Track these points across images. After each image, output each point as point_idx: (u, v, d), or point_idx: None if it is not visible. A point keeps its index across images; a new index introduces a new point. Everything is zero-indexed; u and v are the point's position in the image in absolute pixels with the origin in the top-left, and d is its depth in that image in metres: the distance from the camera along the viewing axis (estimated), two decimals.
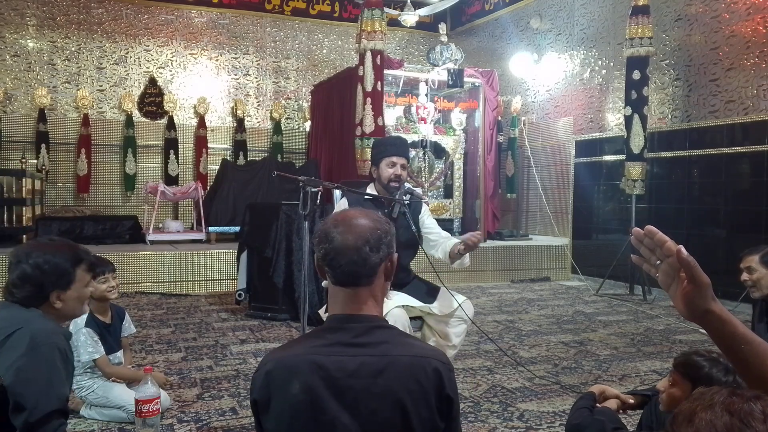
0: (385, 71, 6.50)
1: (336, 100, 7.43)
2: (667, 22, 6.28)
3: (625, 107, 6.12)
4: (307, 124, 9.10)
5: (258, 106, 9.28)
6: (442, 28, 7.26)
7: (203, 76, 8.97)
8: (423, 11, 8.07)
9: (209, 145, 8.80)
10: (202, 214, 7.06)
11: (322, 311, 2.94)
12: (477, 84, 7.38)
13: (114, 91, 8.55)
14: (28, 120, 8.09)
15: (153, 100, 8.69)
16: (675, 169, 6.21)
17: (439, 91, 7.57)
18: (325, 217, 1.55)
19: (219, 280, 6.09)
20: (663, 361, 3.70)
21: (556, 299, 5.97)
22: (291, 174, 3.74)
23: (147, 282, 5.89)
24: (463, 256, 2.85)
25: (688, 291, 1.07)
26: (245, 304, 5.13)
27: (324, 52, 9.63)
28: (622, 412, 1.89)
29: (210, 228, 7.04)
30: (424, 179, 7.25)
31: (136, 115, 8.59)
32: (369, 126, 6.15)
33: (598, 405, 1.82)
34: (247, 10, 9.16)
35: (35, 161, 7.94)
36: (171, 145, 8.61)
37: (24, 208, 6.84)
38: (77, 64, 8.38)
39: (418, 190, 3.25)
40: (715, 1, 5.79)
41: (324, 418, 1.25)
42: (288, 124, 9.45)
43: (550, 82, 7.98)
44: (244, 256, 5.11)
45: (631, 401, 1.89)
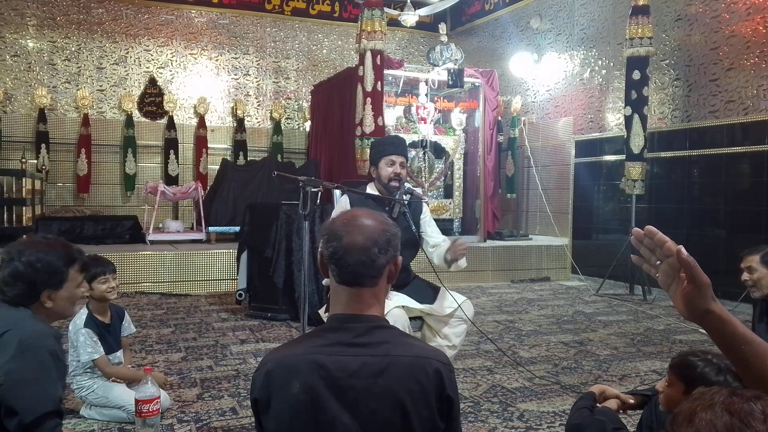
0: (385, 71, 6.50)
1: (336, 100, 7.43)
2: (667, 22, 6.28)
3: (625, 107, 6.12)
4: (307, 124, 9.10)
5: (258, 106, 9.28)
6: (442, 28, 7.26)
7: (203, 76, 8.97)
8: (423, 11, 8.07)
9: (209, 145, 8.80)
10: (202, 214, 7.06)
11: (322, 311, 2.94)
12: (477, 84, 7.38)
13: (114, 91, 8.55)
14: (28, 120, 8.09)
15: (153, 100, 8.69)
16: (675, 169, 6.21)
17: (439, 91, 7.57)
18: (329, 216, 1.54)
19: (219, 280, 6.09)
20: (663, 361, 3.69)
21: (556, 299, 5.97)
22: (291, 174, 3.74)
23: (147, 282, 5.89)
24: (458, 261, 2.88)
25: (688, 291, 1.07)
26: (245, 304, 5.14)
27: (324, 52, 9.63)
28: (622, 412, 1.89)
29: (210, 228, 7.04)
30: (424, 179, 7.25)
31: (136, 115, 8.59)
32: (369, 126, 6.15)
33: (598, 405, 1.82)
34: (247, 10, 9.16)
35: (35, 161, 7.94)
36: (171, 145, 8.62)
37: (24, 208, 6.85)
38: (77, 64, 8.38)
39: (418, 190, 3.25)
40: (715, 1, 5.79)
41: (324, 417, 1.25)
42: (288, 124, 9.45)
43: (550, 82, 7.97)
44: (245, 256, 5.11)
45: (631, 401, 1.89)
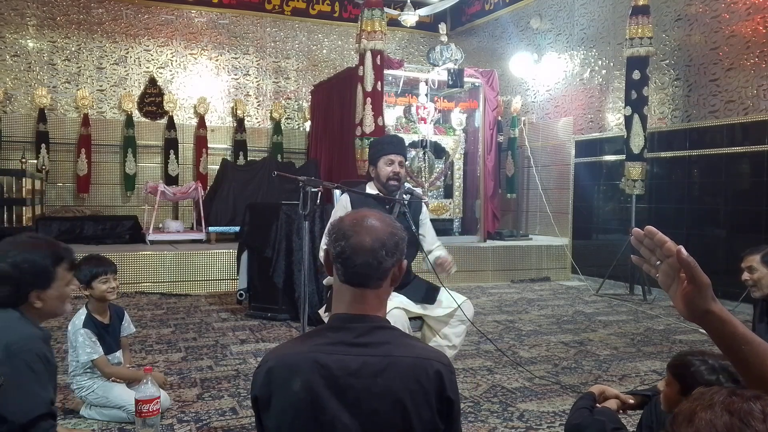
0: (385, 71, 6.50)
1: (336, 100, 7.43)
2: (667, 22, 6.27)
3: (625, 107, 6.12)
4: (307, 124, 9.10)
5: (258, 106, 9.28)
6: (442, 28, 7.26)
7: (203, 76, 8.97)
8: (423, 11, 8.07)
9: (209, 145, 8.80)
10: (202, 214, 7.06)
11: (322, 311, 2.94)
12: (477, 84, 7.38)
13: (114, 91, 8.55)
14: (28, 120, 8.09)
15: (153, 100, 8.69)
16: (675, 169, 6.21)
17: (439, 91, 7.56)
18: (329, 216, 1.55)
19: (219, 280, 6.09)
20: (663, 361, 3.69)
21: (556, 299, 5.97)
22: (291, 174, 3.74)
23: (147, 282, 5.89)
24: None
25: (688, 291, 1.07)
26: (245, 304, 5.14)
27: (324, 52, 9.63)
28: (622, 412, 1.89)
29: (210, 228, 7.04)
30: (424, 179, 7.25)
31: (136, 115, 8.59)
32: (369, 126, 6.15)
33: (598, 405, 1.82)
34: (247, 10, 9.16)
35: (35, 161, 7.94)
36: (171, 145, 8.62)
37: (24, 208, 6.85)
38: (77, 64, 8.38)
39: (418, 190, 3.25)
40: (715, 1, 5.79)
41: (324, 416, 1.25)
42: (288, 124, 9.45)
43: (550, 82, 7.97)
44: (245, 256, 5.11)
45: (631, 401, 1.89)
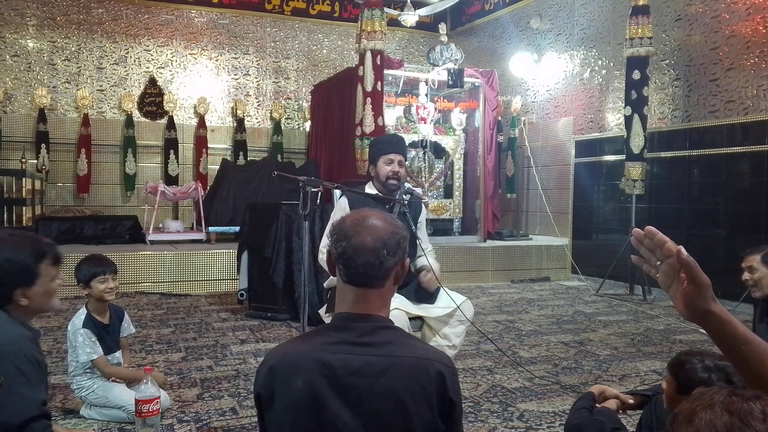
0: (385, 71, 6.50)
1: (336, 100, 7.43)
2: (667, 22, 6.27)
3: (625, 107, 6.12)
4: (307, 124, 9.10)
5: (258, 106, 9.28)
6: (442, 28, 7.26)
7: (203, 76, 8.97)
8: (423, 11, 8.07)
9: (209, 145, 8.80)
10: (202, 214, 7.06)
11: (322, 311, 2.94)
12: (477, 84, 7.38)
13: (114, 91, 8.55)
14: (28, 120, 8.09)
15: (153, 100, 8.69)
16: (675, 169, 6.21)
17: (439, 91, 7.56)
18: (329, 216, 1.55)
19: (219, 280, 6.09)
20: (663, 361, 3.69)
21: (556, 299, 5.97)
22: (291, 174, 3.74)
23: (147, 282, 5.89)
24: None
25: (688, 291, 1.07)
26: (245, 304, 5.14)
27: (324, 52, 9.63)
28: (621, 412, 1.89)
29: (210, 228, 7.04)
30: (424, 179, 7.24)
31: (136, 115, 8.59)
32: (369, 126, 6.15)
33: (597, 405, 1.82)
34: (247, 10, 9.16)
35: (35, 161, 7.94)
36: (171, 145, 8.62)
37: (24, 208, 6.85)
38: (77, 64, 8.38)
39: (418, 190, 3.25)
40: (715, 1, 5.79)
41: (325, 415, 1.25)
42: (288, 124, 9.45)
43: (550, 82, 7.97)
44: (245, 256, 5.11)
45: (631, 401, 1.89)
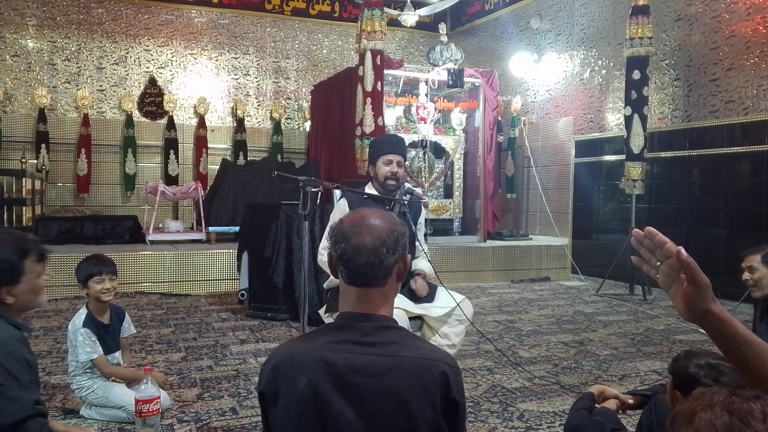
0: (385, 71, 6.50)
1: (336, 100, 7.43)
2: (667, 22, 6.27)
3: (625, 107, 6.12)
4: (307, 124, 9.10)
5: (258, 106, 9.28)
6: (442, 28, 7.26)
7: (203, 76, 8.97)
8: (423, 11, 8.07)
9: (209, 145, 8.80)
10: (202, 214, 7.06)
11: (322, 311, 2.94)
12: (477, 84, 7.38)
13: (114, 91, 8.55)
14: (28, 120, 8.09)
15: (153, 100, 8.69)
16: (675, 169, 6.21)
17: (439, 91, 7.56)
18: (329, 216, 1.54)
19: (219, 280, 6.09)
20: (663, 361, 3.69)
21: (556, 299, 5.97)
22: (291, 174, 3.74)
23: (147, 282, 5.89)
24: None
25: (688, 292, 1.07)
26: (245, 304, 5.14)
27: (324, 52, 9.63)
28: (621, 412, 1.89)
29: (210, 228, 7.04)
30: (424, 179, 7.24)
31: (136, 115, 8.59)
32: (369, 126, 6.15)
33: (597, 405, 1.82)
34: (247, 10, 9.16)
35: (35, 161, 7.94)
36: (171, 145, 8.62)
37: (24, 208, 6.85)
38: (77, 64, 8.38)
39: (418, 190, 3.25)
40: (715, 1, 5.79)
41: (329, 414, 1.25)
42: (288, 124, 9.45)
43: (550, 82, 7.97)
44: (245, 256, 5.11)
45: (631, 401, 1.88)
